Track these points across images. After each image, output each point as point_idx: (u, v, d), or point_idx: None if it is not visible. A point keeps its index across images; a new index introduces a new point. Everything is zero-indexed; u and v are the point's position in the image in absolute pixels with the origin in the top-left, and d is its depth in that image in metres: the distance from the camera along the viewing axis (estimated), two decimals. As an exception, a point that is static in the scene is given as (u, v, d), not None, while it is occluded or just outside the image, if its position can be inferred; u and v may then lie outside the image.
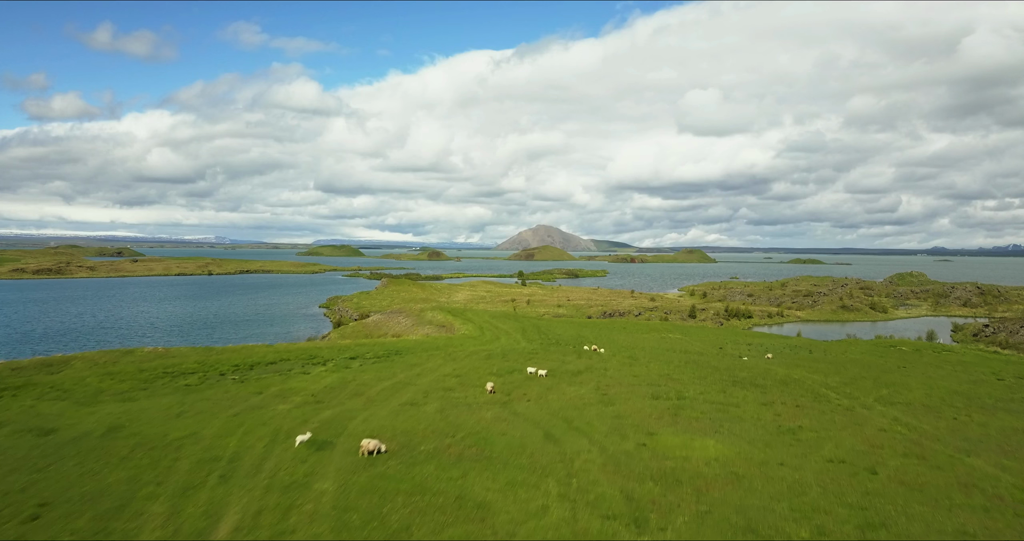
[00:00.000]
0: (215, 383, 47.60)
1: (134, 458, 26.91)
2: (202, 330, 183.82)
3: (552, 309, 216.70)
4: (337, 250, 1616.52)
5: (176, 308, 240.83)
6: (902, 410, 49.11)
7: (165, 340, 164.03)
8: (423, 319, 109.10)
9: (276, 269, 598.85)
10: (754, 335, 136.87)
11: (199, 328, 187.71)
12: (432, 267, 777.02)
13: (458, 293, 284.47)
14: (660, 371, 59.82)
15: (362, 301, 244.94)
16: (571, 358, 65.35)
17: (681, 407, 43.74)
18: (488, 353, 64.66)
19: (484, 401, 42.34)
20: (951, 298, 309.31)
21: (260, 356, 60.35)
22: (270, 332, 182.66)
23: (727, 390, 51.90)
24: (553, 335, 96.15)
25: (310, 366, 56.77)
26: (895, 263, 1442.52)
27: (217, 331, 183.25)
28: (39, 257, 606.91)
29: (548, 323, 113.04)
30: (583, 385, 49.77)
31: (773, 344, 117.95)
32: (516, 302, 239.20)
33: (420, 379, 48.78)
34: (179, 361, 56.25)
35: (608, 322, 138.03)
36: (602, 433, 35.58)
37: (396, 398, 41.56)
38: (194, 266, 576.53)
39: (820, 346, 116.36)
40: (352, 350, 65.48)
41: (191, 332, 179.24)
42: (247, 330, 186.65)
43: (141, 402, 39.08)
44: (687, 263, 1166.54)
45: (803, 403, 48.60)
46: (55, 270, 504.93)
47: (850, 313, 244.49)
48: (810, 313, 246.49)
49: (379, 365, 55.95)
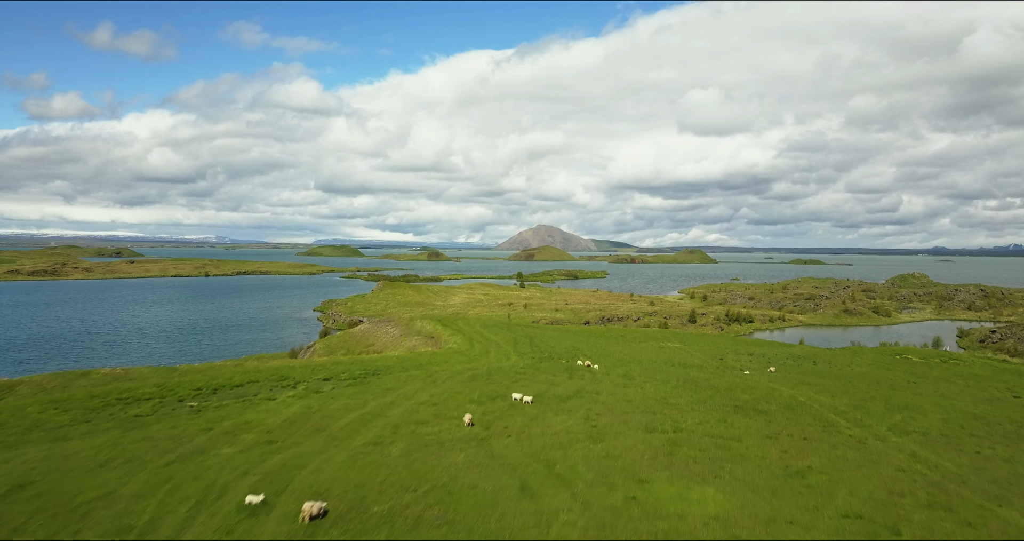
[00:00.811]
0: (168, 414, 43.45)
1: (27, 530, 22.82)
2: (191, 336, 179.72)
3: (549, 314, 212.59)
4: (337, 250, 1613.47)
5: (167, 312, 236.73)
6: (919, 442, 44.94)
7: (151, 347, 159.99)
8: (411, 329, 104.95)
9: (274, 270, 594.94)
10: (756, 343, 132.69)
11: (188, 334, 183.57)
12: (431, 268, 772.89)
13: (455, 296, 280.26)
14: (656, 394, 55.66)
15: (356, 305, 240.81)
16: (561, 378, 61.19)
17: (678, 443, 39.59)
18: (472, 373, 60.47)
19: (459, 437, 38.20)
20: (955, 301, 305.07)
21: (226, 378, 56.16)
22: (261, 338, 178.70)
23: (728, 418, 47.73)
24: (546, 347, 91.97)
25: (278, 390, 52.63)
26: (896, 263, 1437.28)
27: (207, 337, 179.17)
28: (35, 258, 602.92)
29: (542, 333, 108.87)
30: (571, 414, 45.63)
31: (775, 354, 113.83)
32: (513, 306, 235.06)
33: (392, 409, 44.60)
34: (136, 385, 52.09)
35: (605, 330, 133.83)
36: (587, 481, 31.44)
37: (361, 435, 37.42)
38: (191, 267, 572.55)
39: (824, 356, 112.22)
40: (327, 370, 61.32)
41: (179, 339, 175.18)
42: (237, 336, 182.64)
43: (72, 443, 34.92)
44: (687, 263, 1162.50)
45: (811, 434, 44.42)
46: (51, 271, 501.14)
47: (853, 317, 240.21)
48: (812, 317, 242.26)
49: (352, 390, 51.79)
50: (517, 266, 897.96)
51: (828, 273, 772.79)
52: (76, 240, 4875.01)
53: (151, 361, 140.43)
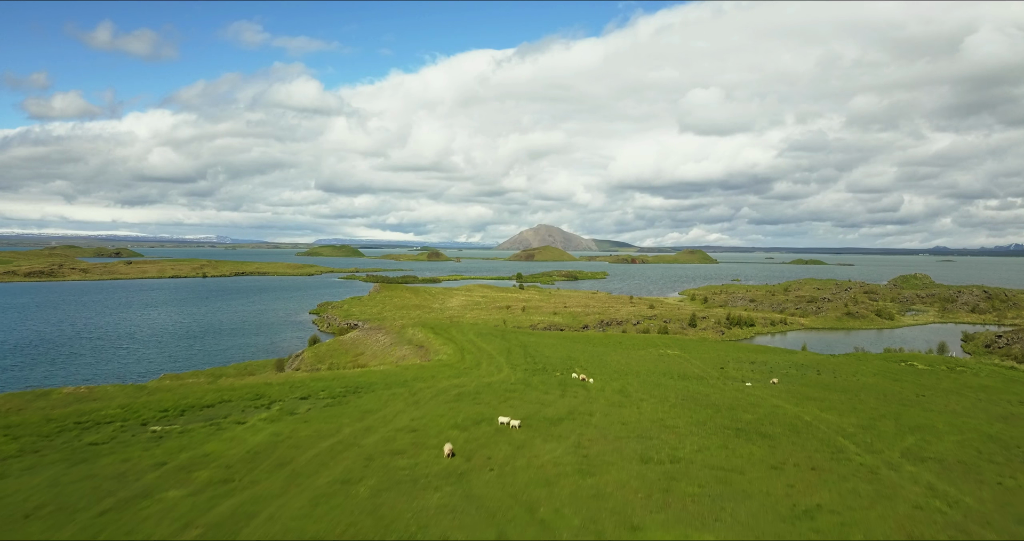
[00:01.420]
0: (125, 442, 40.30)
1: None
2: (183, 341, 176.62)
3: (547, 317, 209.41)
4: (337, 250, 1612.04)
5: (160, 315, 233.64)
6: (935, 471, 41.75)
7: (141, 353, 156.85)
8: (402, 337, 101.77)
9: (272, 271, 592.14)
10: (757, 350, 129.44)
11: (180, 339, 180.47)
12: (431, 268, 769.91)
13: (452, 299, 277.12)
14: (653, 414, 52.45)
15: (352, 308, 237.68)
16: (553, 396, 58.01)
17: (675, 476, 36.40)
18: (459, 391, 57.27)
19: (437, 471, 35.02)
20: (958, 303, 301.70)
21: (197, 397, 52.99)
22: (253, 343, 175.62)
23: (730, 443, 44.55)
24: (540, 357, 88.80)
25: (251, 411, 49.46)
26: (898, 263, 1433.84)
27: (198, 342, 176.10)
28: (32, 259, 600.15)
29: (537, 341, 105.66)
30: (561, 441, 42.47)
31: (778, 362, 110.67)
32: (511, 309, 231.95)
33: (368, 436, 41.42)
34: (99, 406, 48.92)
35: (603, 336, 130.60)
36: (572, 528, 28.28)
37: (328, 470, 34.24)
38: (189, 268, 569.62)
39: (828, 365, 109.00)
40: (306, 387, 58.15)
41: (171, 344, 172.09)
42: (230, 341, 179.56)
43: (7, 482, 31.71)
44: (688, 264, 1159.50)
45: (819, 463, 41.22)
46: (47, 272, 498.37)
47: (856, 320, 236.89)
48: (814, 320, 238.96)
49: (329, 412, 48.62)
50: (517, 266, 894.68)
51: (829, 273, 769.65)
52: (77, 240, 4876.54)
53: (139, 368, 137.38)
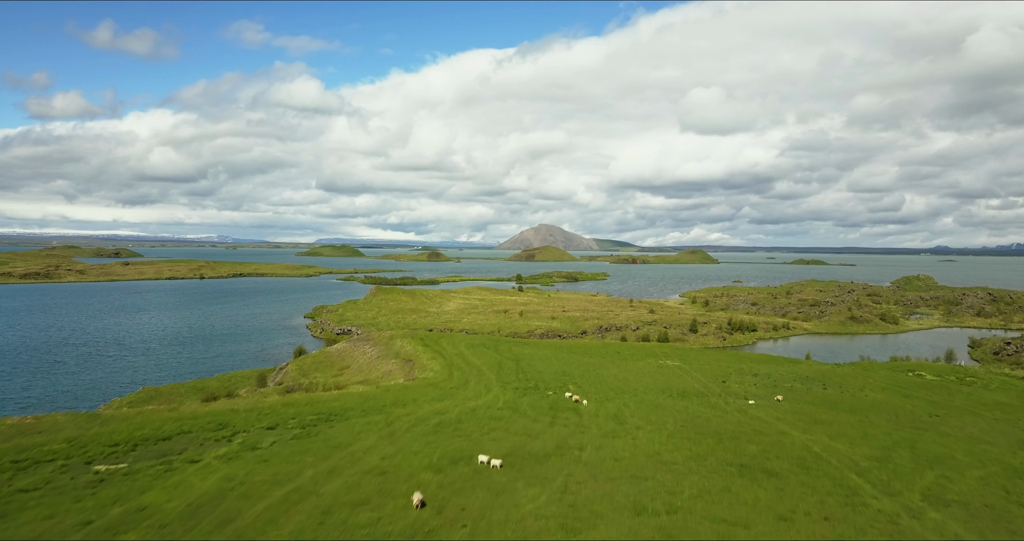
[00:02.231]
0: (60, 488, 36.16)
1: None
2: (171, 348, 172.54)
3: (545, 322, 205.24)
4: (337, 250, 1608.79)
5: (152, 320, 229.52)
6: (962, 519, 37.53)
7: (126, 361, 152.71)
8: (390, 349, 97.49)
9: (270, 272, 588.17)
10: (760, 360, 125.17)
11: (168, 345, 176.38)
12: (430, 269, 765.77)
13: (449, 302, 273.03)
14: (649, 446, 48.28)
15: (347, 312, 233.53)
16: (542, 424, 53.84)
17: (671, 532, 32.23)
18: (440, 420, 53.05)
19: (401, 528, 30.88)
20: (963, 306, 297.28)
21: (154, 428, 48.79)
22: (243, 350, 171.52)
23: (732, 486, 40.35)
24: (532, 373, 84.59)
25: (210, 445, 45.32)
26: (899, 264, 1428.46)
27: (188, 349, 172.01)
28: (29, 260, 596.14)
29: (531, 353, 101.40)
30: (546, 484, 38.32)
31: (782, 374, 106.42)
32: (508, 314, 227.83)
33: (330, 481, 37.23)
34: (43, 441, 44.75)
35: (600, 346, 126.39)
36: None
37: (275, 530, 30.10)
38: (186, 269, 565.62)
39: (834, 377, 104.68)
40: (275, 414, 53.94)
41: (158, 351, 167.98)
42: (220, 347, 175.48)
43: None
44: (689, 264, 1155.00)
45: (832, 511, 37.00)
46: (43, 274, 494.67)
47: (859, 325, 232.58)
48: (817, 325, 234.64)
49: (294, 447, 44.46)
50: (517, 267, 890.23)
51: (831, 274, 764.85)
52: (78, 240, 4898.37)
53: (122, 378, 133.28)
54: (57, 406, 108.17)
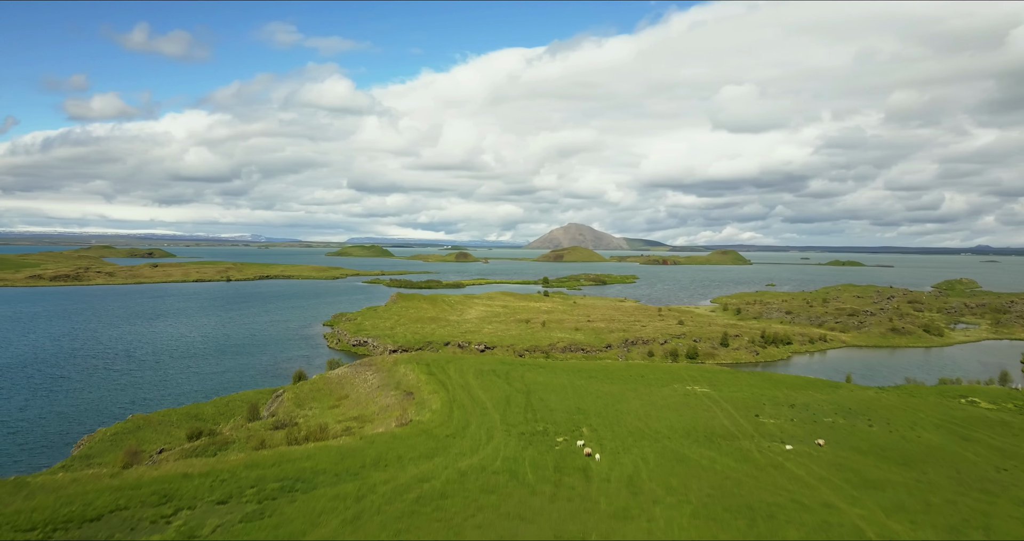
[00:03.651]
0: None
1: None
2: (181, 361, 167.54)
3: (568, 334, 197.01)
4: (366, 250, 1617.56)
5: (167, 328, 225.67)
6: None
7: (133, 376, 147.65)
8: (392, 378, 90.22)
9: (297, 274, 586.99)
10: (796, 384, 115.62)
11: (179, 358, 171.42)
12: (457, 270, 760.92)
13: (471, 309, 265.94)
14: (666, 533, 40.07)
15: (365, 321, 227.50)
16: (542, 499, 45.86)
17: None
18: (421, 491, 45.29)
19: None
20: (1012, 315, 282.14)
21: (85, 502, 41.83)
22: (255, 364, 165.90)
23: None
24: (544, 411, 76.55)
25: (143, 529, 38.19)
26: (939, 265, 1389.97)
27: (198, 362, 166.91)
28: (60, 262, 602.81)
29: (545, 383, 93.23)
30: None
31: (821, 405, 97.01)
32: (531, 323, 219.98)
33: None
34: (-54, 525, 38.07)
35: (624, 369, 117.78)
36: None
37: None
38: (213, 271, 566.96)
39: (879, 409, 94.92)
40: (234, 481, 46.66)
41: (168, 364, 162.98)
42: (231, 361, 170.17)
43: None
44: (720, 265, 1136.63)
45: None
46: (72, 276, 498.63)
47: (901, 337, 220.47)
48: (856, 337, 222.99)
49: (239, 534, 37.14)
50: (545, 268, 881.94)
51: (868, 276, 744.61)
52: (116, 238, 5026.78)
53: (122, 397, 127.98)
54: (47, 431, 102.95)
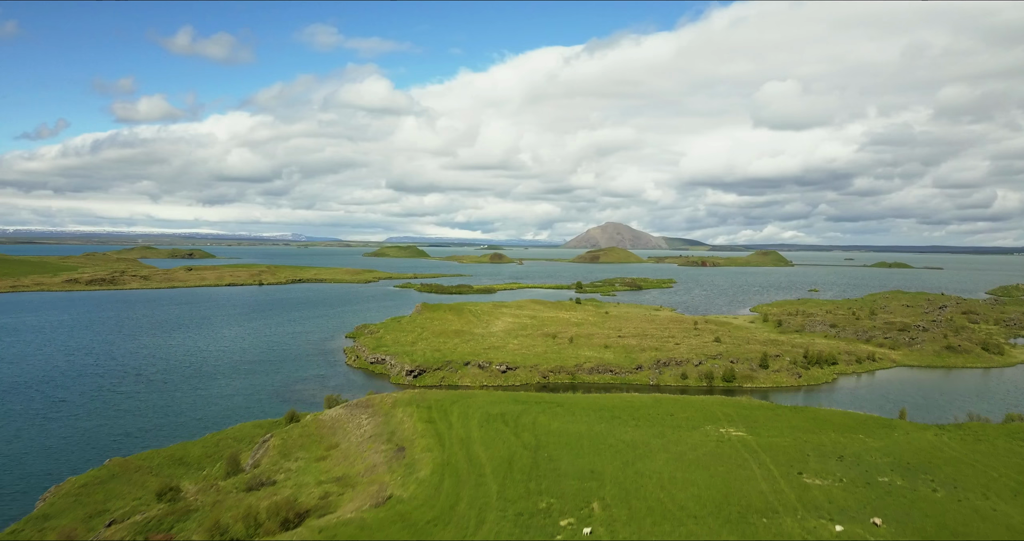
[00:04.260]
0: None
1: None
2: (190, 381, 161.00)
3: (597, 352, 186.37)
4: (402, 250, 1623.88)
5: (186, 341, 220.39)
6: None
7: (139, 400, 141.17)
8: (388, 425, 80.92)
9: (329, 278, 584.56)
10: (844, 426, 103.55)
11: (189, 378, 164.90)
12: (491, 273, 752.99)
13: (498, 319, 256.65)
14: None
15: (386, 335, 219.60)
16: None
17: None
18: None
19: None
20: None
21: None
22: (266, 386, 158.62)
23: None
24: (550, 475, 66.46)
25: None
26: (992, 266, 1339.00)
27: (207, 383, 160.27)
28: (98, 265, 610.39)
29: (559, 432, 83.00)
30: None
31: (874, 456, 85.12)
32: (558, 339, 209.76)
33: None
34: None
35: (651, 406, 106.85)
36: None
37: None
38: (247, 274, 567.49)
39: (944, 465, 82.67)
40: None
41: (175, 385, 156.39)
42: (242, 381, 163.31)
43: None
44: (760, 267, 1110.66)
45: None
46: (108, 280, 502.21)
47: (957, 356, 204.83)
48: (907, 355, 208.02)
49: None
50: (580, 270, 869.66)
51: (916, 279, 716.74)
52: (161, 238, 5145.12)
53: (117, 427, 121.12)
54: (25, 472, 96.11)
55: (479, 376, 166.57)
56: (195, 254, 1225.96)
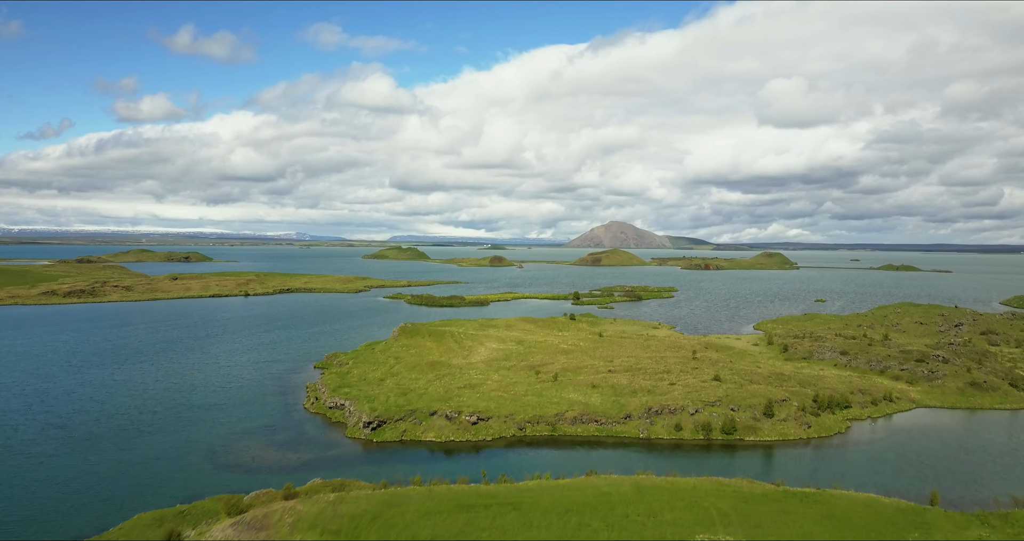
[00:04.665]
0: None
1: None
2: (115, 437, 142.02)
3: (583, 395, 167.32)
4: (402, 253, 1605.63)
5: (135, 374, 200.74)
6: None
7: (44, 467, 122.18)
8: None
9: (319, 287, 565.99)
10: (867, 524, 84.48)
11: (116, 431, 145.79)
12: (488, 279, 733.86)
13: (482, 346, 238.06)
14: None
15: (355, 368, 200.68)
16: None
17: None
18: None
19: None
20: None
21: None
22: (199, 444, 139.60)
23: None
24: None
25: None
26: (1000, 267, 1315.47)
27: (133, 441, 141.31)
28: (79, 275, 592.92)
29: None
30: None
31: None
32: (541, 375, 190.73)
33: None
34: None
35: (631, 501, 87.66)
36: None
37: None
38: (233, 284, 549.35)
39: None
40: None
41: (101, 440, 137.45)
42: (174, 437, 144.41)
43: None
44: (765, 270, 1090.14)
45: None
46: (88, 291, 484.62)
47: (983, 395, 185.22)
48: (927, 392, 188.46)
49: None
50: (581, 274, 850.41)
51: (925, 285, 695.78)
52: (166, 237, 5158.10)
53: (13, 513, 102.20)
54: None
55: (445, 429, 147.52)
56: (191, 257, 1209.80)
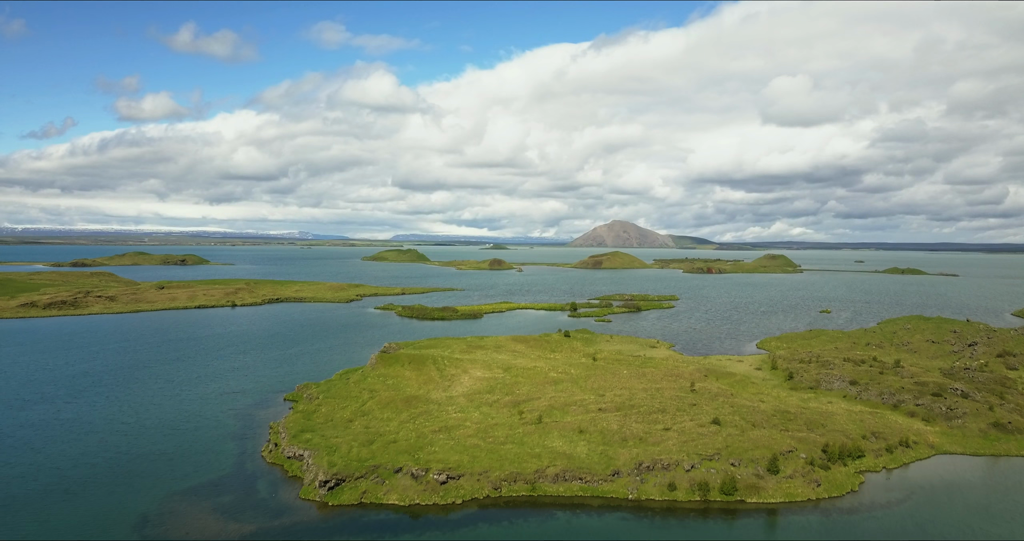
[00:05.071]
0: None
1: None
2: (37, 503, 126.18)
3: (567, 443, 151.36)
4: (402, 255, 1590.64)
5: (80, 412, 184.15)
6: None
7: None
8: None
9: (310, 296, 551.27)
10: None
11: (39, 496, 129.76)
12: (486, 285, 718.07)
13: (466, 374, 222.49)
14: None
15: (322, 406, 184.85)
16: None
17: None
18: None
19: None
20: None
21: None
22: (131, 510, 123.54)
23: None
24: None
25: None
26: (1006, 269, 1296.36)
27: (47, 508, 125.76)
28: (63, 285, 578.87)
29: None
30: None
31: None
32: (524, 415, 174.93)
33: None
34: None
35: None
36: None
37: None
38: (221, 293, 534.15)
39: None
40: None
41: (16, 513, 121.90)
42: (101, 500, 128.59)
43: None
44: (768, 273, 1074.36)
45: None
46: (70, 302, 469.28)
47: (1008, 439, 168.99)
48: (947, 434, 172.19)
49: None
50: (581, 279, 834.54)
51: (933, 292, 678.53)
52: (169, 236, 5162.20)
53: None
54: None
55: (410, 490, 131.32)
56: (188, 260, 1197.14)
